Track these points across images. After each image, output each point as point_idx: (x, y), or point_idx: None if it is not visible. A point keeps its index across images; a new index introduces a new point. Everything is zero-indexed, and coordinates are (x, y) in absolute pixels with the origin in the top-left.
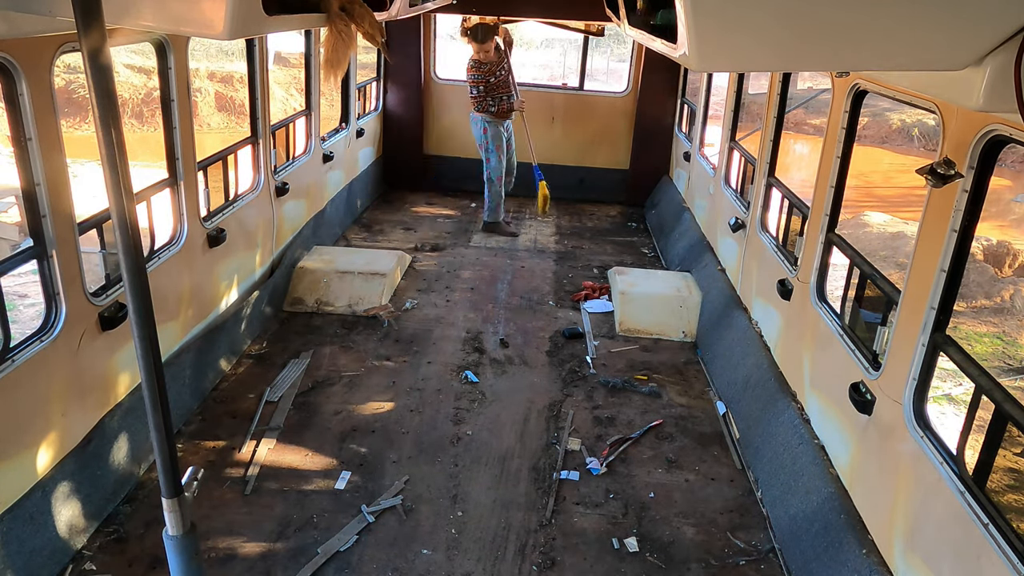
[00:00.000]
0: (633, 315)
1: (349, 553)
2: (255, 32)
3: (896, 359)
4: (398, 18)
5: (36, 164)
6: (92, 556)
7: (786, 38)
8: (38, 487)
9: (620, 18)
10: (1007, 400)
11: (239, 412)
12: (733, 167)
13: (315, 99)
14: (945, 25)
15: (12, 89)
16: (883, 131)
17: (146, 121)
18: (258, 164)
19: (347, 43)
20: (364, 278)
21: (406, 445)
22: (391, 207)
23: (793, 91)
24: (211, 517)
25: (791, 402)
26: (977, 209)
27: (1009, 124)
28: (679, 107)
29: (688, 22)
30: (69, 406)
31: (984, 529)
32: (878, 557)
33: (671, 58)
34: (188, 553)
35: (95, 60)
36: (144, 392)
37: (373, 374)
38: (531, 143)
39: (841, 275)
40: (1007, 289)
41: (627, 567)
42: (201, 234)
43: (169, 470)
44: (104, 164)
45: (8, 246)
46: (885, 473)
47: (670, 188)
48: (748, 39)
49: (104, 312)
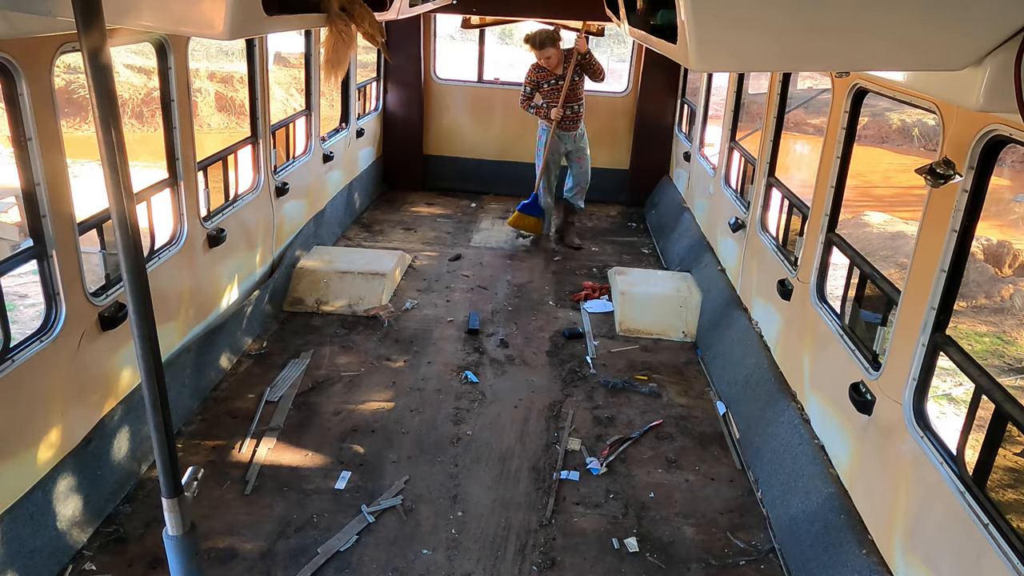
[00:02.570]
0: (633, 315)
1: (349, 553)
2: (255, 32)
3: (896, 359)
4: (398, 18)
5: (36, 164)
6: (92, 556)
7: (786, 38)
8: (38, 487)
9: (620, 18)
10: (1007, 400)
11: (239, 412)
12: (733, 167)
13: (315, 99)
14: (945, 25)
15: (12, 89)
16: (883, 131)
17: (146, 121)
18: (258, 164)
19: (347, 43)
20: (364, 278)
21: (406, 445)
22: (391, 207)
23: (793, 91)
24: (211, 517)
25: (791, 402)
26: (977, 209)
27: (1009, 124)
28: (679, 107)
29: (688, 22)
30: (69, 406)
31: (984, 529)
32: (878, 557)
33: (671, 58)
34: (188, 553)
35: (95, 60)
36: (144, 392)
37: (373, 374)
38: (539, 161)
39: (841, 275)
40: (1007, 288)
41: (627, 567)
42: (201, 234)
43: (169, 470)
44: (104, 164)
45: (8, 246)
46: (885, 473)
47: (670, 188)
48: (748, 39)
49: (104, 312)
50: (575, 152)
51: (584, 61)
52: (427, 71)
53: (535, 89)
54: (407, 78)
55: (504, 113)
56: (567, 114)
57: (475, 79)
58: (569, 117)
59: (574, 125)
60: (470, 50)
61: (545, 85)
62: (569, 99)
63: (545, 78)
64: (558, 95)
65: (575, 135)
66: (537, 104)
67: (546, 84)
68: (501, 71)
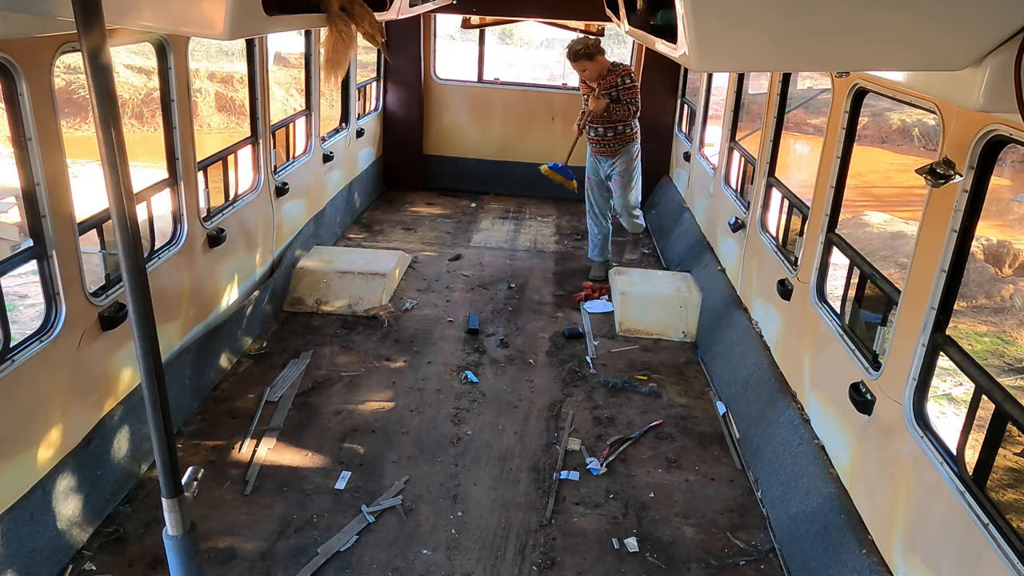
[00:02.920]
0: (633, 315)
1: (349, 553)
2: (255, 32)
3: (896, 359)
4: (398, 18)
5: (36, 164)
6: (92, 556)
7: (786, 38)
8: (38, 487)
9: (620, 18)
10: (1007, 400)
11: (239, 412)
12: (733, 167)
13: (315, 99)
14: (945, 25)
15: (12, 89)
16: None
17: (146, 121)
18: (258, 164)
19: (347, 43)
20: (364, 278)
21: (406, 445)
22: (391, 207)
23: (793, 91)
24: (211, 517)
25: (791, 402)
26: (977, 209)
27: (1009, 124)
28: (679, 107)
29: (688, 22)
30: (69, 406)
31: (984, 529)
32: (878, 557)
33: (671, 58)
34: (188, 553)
35: (95, 60)
36: (144, 392)
37: (373, 374)
38: (571, 150)
39: (841, 275)
40: (1007, 288)
41: (627, 567)
42: (201, 234)
43: (169, 470)
44: (104, 164)
45: (8, 246)
46: (885, 473)
47: (670, 188)
48: (748, 39)
49: (104, 312)
50: (611, 176)
51: (616, 94)
52: (427, 71)
53: (584, 110)
54: (407, 78)
55: (504, 113)
56: (593, 135)
57: (475, 79)
58: (596, 140)
59: (607, 150)
60: (470, 50)
61: (585, 98)
62: (596, 120)
63: (585, 91)
64: (592, 116)
65: (614, 161)
66: (585, 127)
67: (585, 97)
68: (501, 71)
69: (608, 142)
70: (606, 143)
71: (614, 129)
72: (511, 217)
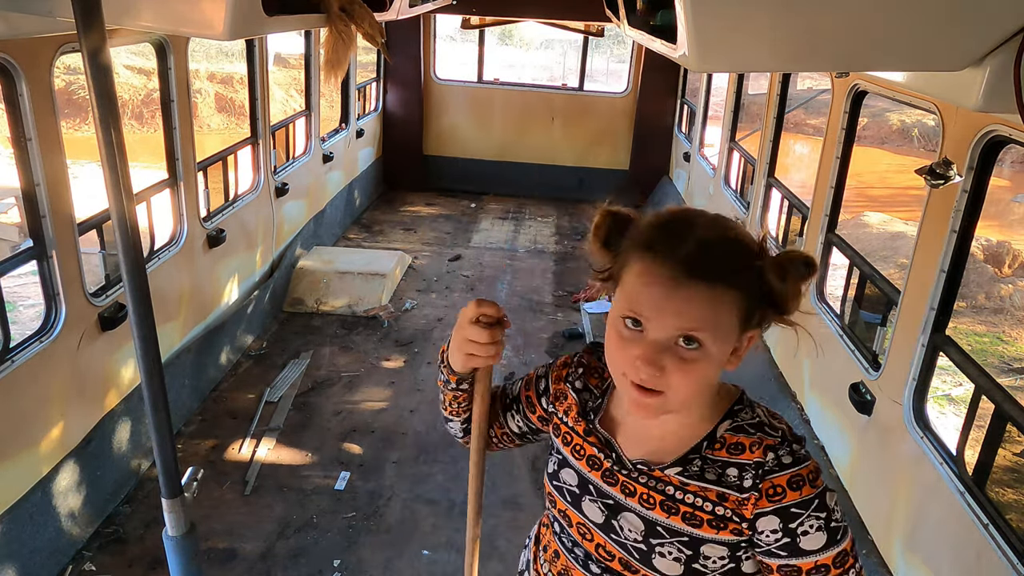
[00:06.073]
0: None
1: (349, 553)
2: (255, 32)
3: (896, 359)
4: (398, 18)
5: (36, 165)
6: (92, 556)
7: (786, 38)
8: (38, 487)
9: (620, 18)
10: (1007, 400)
11: (239, 412)
12: (733, 167)
13: (315, 100)
14: (945, 25)
15: (12, 89)
16: (883, 132)
17: (146, 122)
18: (258, 164)
19: (347, 44)
20: (364, 278)
21: (406, 445)
22: (391, 207)
23: (793, 91)
24: (211, 517)
25: (791, 402)
26: (977, 210)
27: (1009, 124)
28: (679, 107)
29: (688, 22)
30: (69, 406)
31: (984, 529)
32: (878, 557)
33: (671, 58)
34: (188, 553)
35: (95, 60)
36: (144, 392)
37: (373, 374)
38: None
39: (841, 275)
40: (1006, 288)
41: None
42: (201, 234)
43: (169, 470)
44: (104, 164)
45: (8, 247)
46: (885, 473)
47: (670, 188)
48: (748, 39)
49: (104, 312)
50: None
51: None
52: (427, 71)
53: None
54: (407, 78)
55: (504, 113)
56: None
57: (475, 79)
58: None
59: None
60: (470, 50)
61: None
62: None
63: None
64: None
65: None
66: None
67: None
68: (501, 72)
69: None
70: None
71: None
72: (511, 217)
